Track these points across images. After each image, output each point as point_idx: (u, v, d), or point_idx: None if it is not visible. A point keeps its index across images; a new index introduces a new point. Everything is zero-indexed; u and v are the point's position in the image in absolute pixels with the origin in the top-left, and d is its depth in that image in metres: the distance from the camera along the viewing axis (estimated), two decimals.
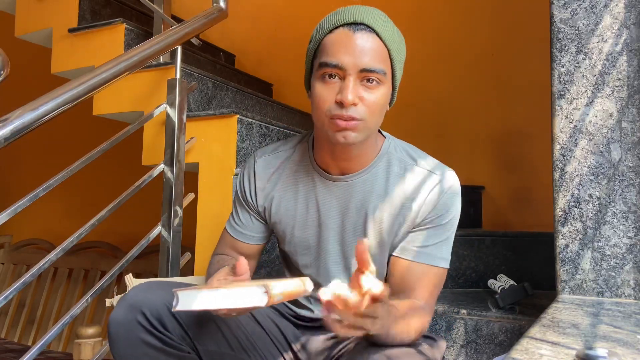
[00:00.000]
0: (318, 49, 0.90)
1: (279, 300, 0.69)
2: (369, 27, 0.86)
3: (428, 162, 0.97)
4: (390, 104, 0.95)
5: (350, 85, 0.84)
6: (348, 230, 0.97)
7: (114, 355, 0.87)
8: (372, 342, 0.82)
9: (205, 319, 0.91)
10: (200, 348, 0.89)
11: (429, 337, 1.01)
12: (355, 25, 0.86)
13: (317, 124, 0.92)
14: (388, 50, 0.88)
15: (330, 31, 0.88)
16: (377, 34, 0.86)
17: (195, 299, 0.69)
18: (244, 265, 0.80)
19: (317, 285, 1.02)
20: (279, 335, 1.02)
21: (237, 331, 0.95)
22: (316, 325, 1.04)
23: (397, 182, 0.95)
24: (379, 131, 1.02)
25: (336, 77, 0.86)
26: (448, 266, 0.95)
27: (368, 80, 0.86)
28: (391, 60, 0.89)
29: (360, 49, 0.85)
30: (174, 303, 0.70)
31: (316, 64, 0.89)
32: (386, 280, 0.98)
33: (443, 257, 0.94)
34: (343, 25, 0.86)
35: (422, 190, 0.93)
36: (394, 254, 0.95)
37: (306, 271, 1.02)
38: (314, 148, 1.01)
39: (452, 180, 0.95)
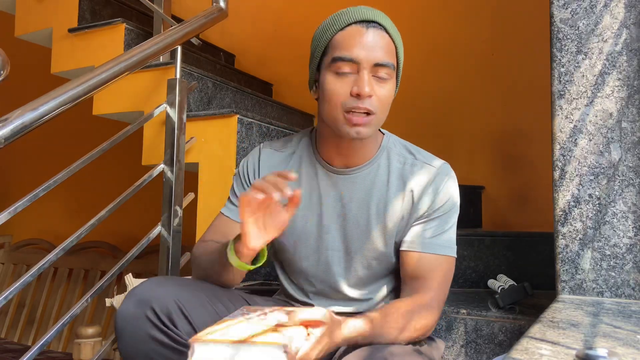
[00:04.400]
0: (329, 45, 0.93)
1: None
2: (379, 24, 0.91)
3: (425, 155, 1.02)
4: None
5: (365, 77, 0.89)
6: (350, 222, 0.99)
7: (120, 350, 0.87)
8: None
9: (215, 317, 0.91)
10: None
11: (428, 336, 1.01)
12: (367, 22, 0.91)
13: (328, 118, 0.94)
14: (395, 48, 0.94)
15: (342, 28, 0.92)
16: (387, 32, 0.92)
17: (212, 353, 0.64)
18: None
19: (315, 278, 1.03)
20: None
21: None
22: None
23: (398, 176, 0.99)
24: (380, 130, 1.05)
25: (350, 71, 0.90)
26: (455, 255, 0.97)
27: (380, 74, 0.91)
28: (397, 57, 0.95)
29: (373, 44, 0.90)
30: (189, 353, 0.67)
31: (327, 60, 0.93)
32: (398, 273, 1.00)
33: (450, 246, 0.97)
34: (355, 22, 0.91)
35: (422, 182, 0.97)
36: (402, 248, 0.97)
37: (305, 263, 1.03)
38: (318, 142, 1.03)
39: (449, 171, 1.00)
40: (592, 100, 1.08)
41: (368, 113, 0.90)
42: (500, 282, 1.41)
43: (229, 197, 1.11)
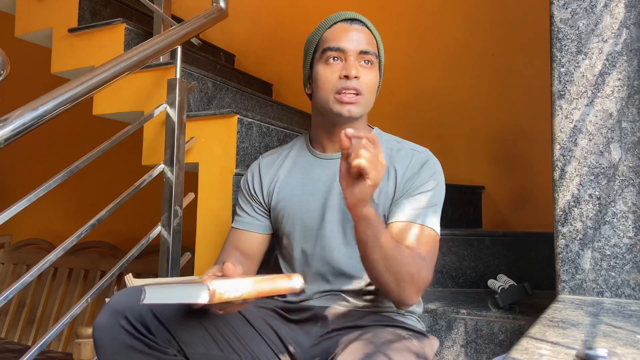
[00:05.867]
0: (319, 42, 1.08)
1: (239, 298, 0.72)
2: (361, 22, 1.08)
3: (410, 144, 1.12)
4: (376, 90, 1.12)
5: (352, 63, 1.03)
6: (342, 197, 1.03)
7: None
8: (363, 337, 0.86)
9: (191, 321, 0.91)
10: (187, 351, 0.89)
11: (419, 332, 1.01)
12: (351, 20, 1.08)
13: (321, 102, 1.06)
14: (376, 42, 1.09)
15: (330, 26, 1.08)
16: (368, 28, 1.08)
17: (155, 292, 0.74)
18: (230, 269, 0.84)
19: (314, 258, 1.07)
20: (272, 335, 1.02)
21: (226, 331, 0.95)
22: (306, 317, 1.05)
23: (385, 159, 1.02)
24: (368, 125, 1.16)
25: (338, 60, 1.05)
26: (439, 234, 1.02)
27: (365, 61, 1.05)
28: (378, 49, 1.09)
29: (357, 36, 1.06)
30: (141, 296, 0.74)
31: (318, 55, 1.08)
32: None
33: (433, 222, 1.01)
34: (341, 21, 1.08)
35: (407, 163, 1.06)
36: (388, 221, 1.02)
37: (304, 244, 1.08)
38: (312, 135, 1.16)
39: (432, 156, 1.09)
40: (592, 100, 1.08)
41: (357, 93, 1.03)
42: (500, 282, 1.41)
43: (235, 212, 1.19)
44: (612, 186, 1.06)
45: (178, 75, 1.57)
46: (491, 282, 1.46)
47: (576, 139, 1.09)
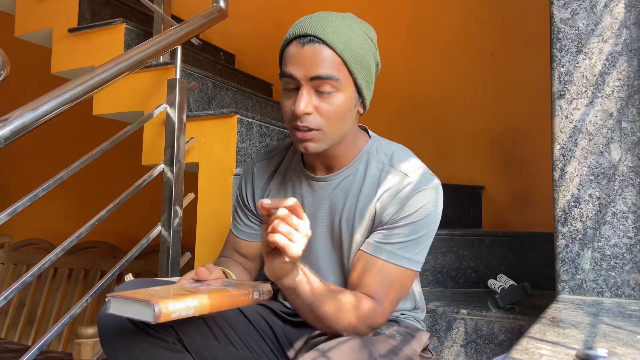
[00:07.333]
0: (281, 60, 0.94)
1: (190, 315, 0.73)
2: (318, 38, 0.88)
3: (406, 164, 0.97)
4: (364, 108, 0.97)
5: (303, 94, 0.88)
6: (335, 227, 1.00)
7: (104, 349, 0.89)
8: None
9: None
10: (186, 340, 0.91)
11: (409, 328, 1.01)
12: (304, 37, 0.89)
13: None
14: (343, 59, 0.89)
15: (287, 44, 0.92)
16: (328, 44, 0.88)
17: (118, 304, 0.76)
18: (204, 273, 0.87)
19: None
20: (268, 331, 1.04)
21: (224, 324, 0.97)
22: (302, 320, 1.05)
23: (372, 183, 0.97)
24: (367, 131, 1.04)
25: (293, 88, 0.90)
26: (415, 268, 0.94)
27: (322, 88, 0.88)
28: (347, 67, 0.89)
29: (310, 60, 0.88)
30: (108, 306, 0.76)
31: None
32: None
33: (409, 259, 0.93)
34: (295, 38, 0.90)
35: (392, 190, 0.94)
36: (360, 248, 0.96)
37: None
38: None
39: (426, 182, 0.94)
40: (592, 100, 1.08)
41: (311, 129, 0.89)
42: (500, 282, 1.41)
43: (234, 214, 1.16)
44: (612, 186, 1.06)
45: (178, 75, 1.57)
46: (491, 282, 1.46)
47: (576, 139, 1.09)
